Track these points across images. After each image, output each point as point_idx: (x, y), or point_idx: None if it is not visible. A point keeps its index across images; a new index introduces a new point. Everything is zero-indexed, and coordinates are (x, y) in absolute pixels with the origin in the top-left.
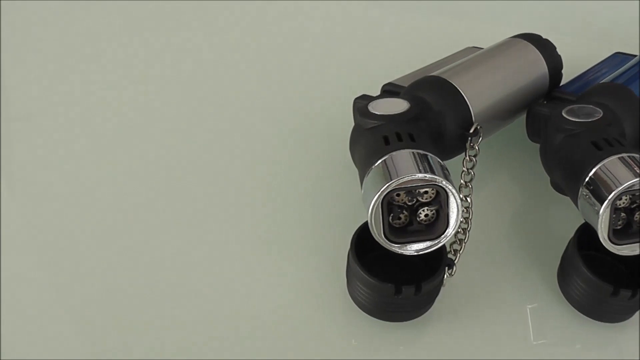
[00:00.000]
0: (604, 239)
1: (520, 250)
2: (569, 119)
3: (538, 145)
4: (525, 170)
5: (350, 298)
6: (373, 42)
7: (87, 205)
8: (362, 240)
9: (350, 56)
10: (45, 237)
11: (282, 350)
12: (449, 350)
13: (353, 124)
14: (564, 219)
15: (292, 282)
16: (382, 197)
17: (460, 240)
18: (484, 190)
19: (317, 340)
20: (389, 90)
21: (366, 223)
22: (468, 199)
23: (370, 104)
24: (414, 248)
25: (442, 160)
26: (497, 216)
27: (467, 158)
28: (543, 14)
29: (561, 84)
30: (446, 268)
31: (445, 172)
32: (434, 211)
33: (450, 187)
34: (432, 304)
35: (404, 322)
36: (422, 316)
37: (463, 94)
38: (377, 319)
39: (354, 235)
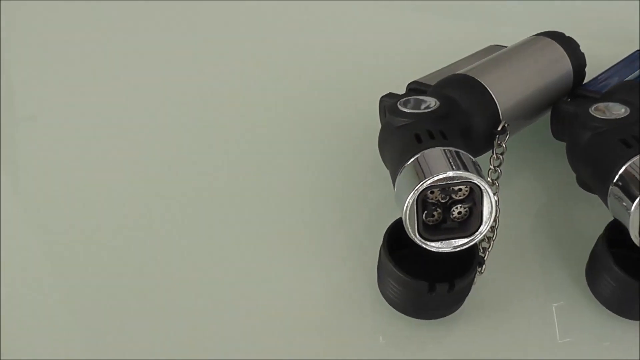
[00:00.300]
0: (635, 236)
1: (547, 248)
2: (596, 117)
3: (561, 143)
4: (549, 168)
5: (379, 295)
6: (388, 43)
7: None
8: (393, 238)
9: (367, 56)
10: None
11: (309, 346)
12: (477, 349)
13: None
14: (590, 216)
15: (321, 278)
16: (417, 194)
17: (489, 238)
18: (509, 188)
19: (345, 336)
20: (415, 89)
21: (397, 220)
22: (495, 197)
23: (399, 102)
24: (449, 245)
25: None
26: (523, 214)
27: (495, 156)
28: (557, 13)
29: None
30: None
31: (478, 169)
32: (467, 208)
33: (484, 184)
34: (462, 302)
35: (433, 320)
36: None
37: (491, 91)
38: (406, 317)
39: (386, 233)
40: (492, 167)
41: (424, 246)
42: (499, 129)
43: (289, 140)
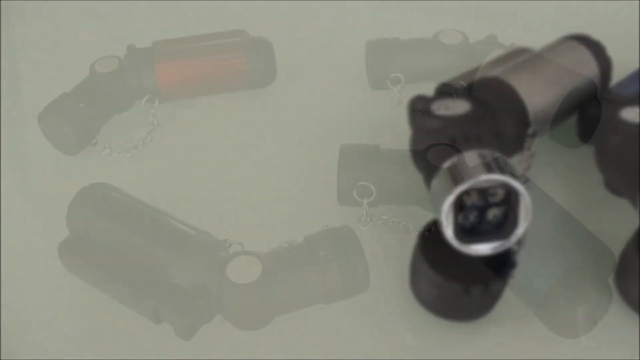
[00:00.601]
0: None
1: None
2: (627, 121)
3: (588, 146)
4: (577, 171)
5: (410, 295)
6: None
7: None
8: (427, 239)
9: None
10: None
11: (340, 344)
12: (504, 351)
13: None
14: (618, 220)
15: None
16: (455, 197)
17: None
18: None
19: (375, 335)
20: (444, 91)
21: (431, 221)
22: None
23: (432, 104)
24: (485, 248)
25: None
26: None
27: (524, 159)
28: (583, 16)
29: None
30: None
31: (514, 172)
32: (502, 211)
33: (520, 188)
34: (494, 306)
35: (464, 323)
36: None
37: (521, 95)
38: (438, 318)
39: (420, 234)
40: (520, 170)
41: (461, 249)
42: (529, 132)
43: (320, 141)
